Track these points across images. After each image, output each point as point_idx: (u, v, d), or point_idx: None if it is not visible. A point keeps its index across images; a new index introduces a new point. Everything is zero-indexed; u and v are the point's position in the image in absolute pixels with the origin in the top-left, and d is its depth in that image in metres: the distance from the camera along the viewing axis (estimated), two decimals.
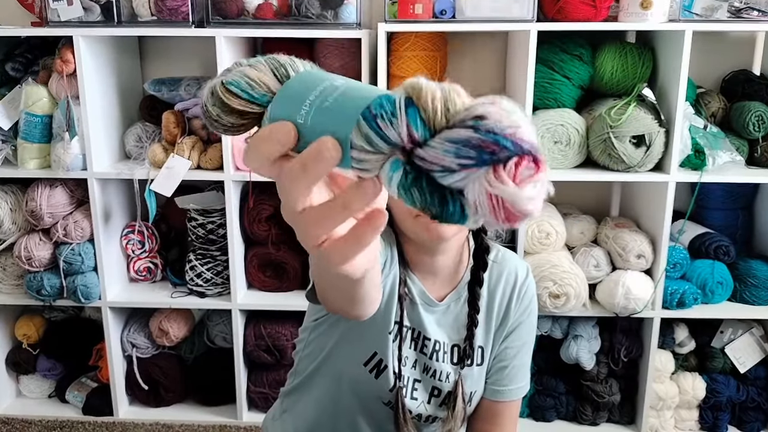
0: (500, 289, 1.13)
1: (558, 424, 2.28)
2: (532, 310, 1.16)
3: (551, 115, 2.01)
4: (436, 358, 1.11)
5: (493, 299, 1.13)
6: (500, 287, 1.13)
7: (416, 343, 1.11)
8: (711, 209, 2.24)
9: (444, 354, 1.12)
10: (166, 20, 2.00)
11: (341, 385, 1.09)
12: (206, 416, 2.33)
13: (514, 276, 1.14)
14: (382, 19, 1.99)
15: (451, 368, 1.12)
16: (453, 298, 1.12)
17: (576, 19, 1.91)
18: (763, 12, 1.94)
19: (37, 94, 2.08)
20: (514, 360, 1.14)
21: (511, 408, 1.16)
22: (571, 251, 2.16)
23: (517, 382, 1.15)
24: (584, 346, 2.13)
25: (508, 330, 1.14)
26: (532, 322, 1.16)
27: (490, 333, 1.13)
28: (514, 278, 1.14)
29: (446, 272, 1.12)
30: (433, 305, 1.11)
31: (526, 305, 1.15)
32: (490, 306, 1.13)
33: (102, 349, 2.32)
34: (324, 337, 1.10)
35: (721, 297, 2.14)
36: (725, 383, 2.20)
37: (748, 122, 2.03)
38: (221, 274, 2.21)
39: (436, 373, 1.11)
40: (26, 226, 2.19)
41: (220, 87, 0.49)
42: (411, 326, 1.10)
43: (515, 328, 1.14)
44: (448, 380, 1.12)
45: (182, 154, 2.07)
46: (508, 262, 1.15)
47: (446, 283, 1.13)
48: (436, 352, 1.11)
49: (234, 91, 0.48)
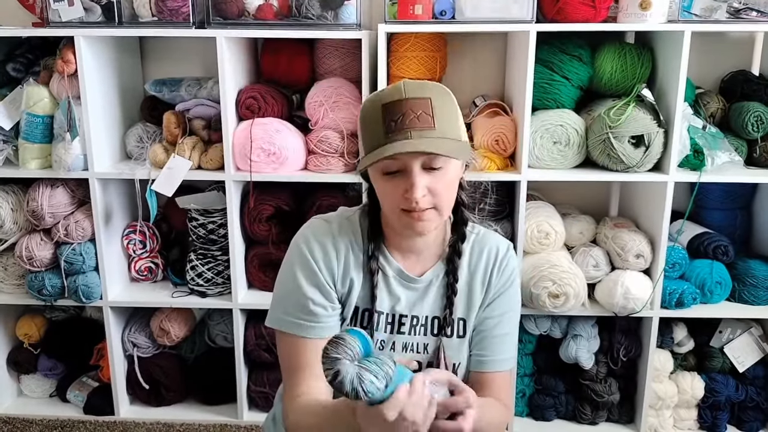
0: (482, 265, 1.16)
1: (557, 423, 2.29)
2: (512, 282, 1.18)
3: (550, 115, 2.02)
4: (413, 333, 1.14)
5: (475, 274, 1.16)
6: (482, 263, 1.16)
7: (391, 326, 1.14)
8: (710, 209, 2.25)
9: (422, 327, 1.15)
10: (166, 21, 2.01)
11: None
12: (207, 415, 2.34)
13: (495, 251, 1.17)
14: (382, 19, 1.99)
15: (431, 339, 1.15)
16: (434, 273, 1.15)
17: (575, 20, 1.92)
18: (762, 12, 1.95)
19: (38, 94, 2.09)
20: (494, 330, 1.16)
21: (499, 380, 1.16)
22: (571, 251, 2.17)
23: (500, 354, 1.16)
24: (583, 345, 2.14)
25: (488, 301, 1.16)
26: (512, 294, 1.18)
27: (472, 307, 1.16)
28: (495, 253, 1.17)
29: (428, 251, 1.16)
30: (413, 281, 1.15)
31: (507, 277, 1.17)
32: (472, 281, 1.16)
33: (103, 349, 2.33)
34: None
35: (720, 297, 2.14)
36: (724, 383, 2.21)
37: (747, 122, 2.04)
38: (222, 273, 2.22)
39: (414, 346, 1.14)
40: (27, 226, 2.19)
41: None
42: (382, 311, 1.14)
43: (495, 299, 1.16)
44: (426, 351, 1.15)
45: (183, 155, 2.08)
46: (489, 239, 1.19)
47: (429, 260, 1.16)
48: (413, 326, 1.14)
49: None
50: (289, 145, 2.06)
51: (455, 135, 1.03)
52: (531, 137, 2.01)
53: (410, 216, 1.03)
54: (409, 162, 1.00)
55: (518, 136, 2.03)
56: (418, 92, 1.01)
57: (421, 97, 1.00)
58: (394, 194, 1.03)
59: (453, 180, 1.06)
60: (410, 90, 1.00)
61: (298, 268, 1.11)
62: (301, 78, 2.22)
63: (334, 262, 1.12)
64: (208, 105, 2.13)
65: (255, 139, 2.03)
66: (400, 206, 1.03)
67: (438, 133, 0.99)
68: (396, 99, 1.00)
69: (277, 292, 1.15)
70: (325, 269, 1.11)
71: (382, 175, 1.04)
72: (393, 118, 0.99)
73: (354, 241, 1.14)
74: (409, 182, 1.00)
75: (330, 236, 1.13)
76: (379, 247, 1.14)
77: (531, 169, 2.04)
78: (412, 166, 1.00)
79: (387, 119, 1.00)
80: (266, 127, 2.05)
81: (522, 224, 2.05)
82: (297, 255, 1.12)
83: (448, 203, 1.06)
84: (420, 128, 0.98)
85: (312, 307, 1.09)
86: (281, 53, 2.18)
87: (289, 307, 1.11)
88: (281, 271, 1.15)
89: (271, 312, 1.14)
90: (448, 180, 1.04)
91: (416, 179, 1.00)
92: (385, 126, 1.00)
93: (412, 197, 1.00)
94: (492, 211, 2.12)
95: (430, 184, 1.01)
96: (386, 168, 1.02)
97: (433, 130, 0.99)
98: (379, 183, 1.06)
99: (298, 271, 1.11)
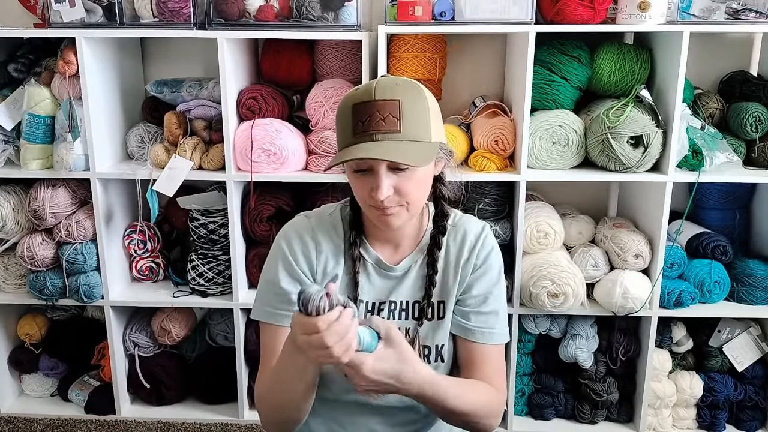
0: (456, 248, 1.18)
1: (556, 422, 2.30)
2: (490, 262, 1.18)
3: (550, 116, 2.03)
4: (392, 318, 1.17)
5: (449, 257, 1.18)
6: (456, 246, 1.18)
7: (371, 313, 1.17)
8: (708, 209, 2.26)
9: (402, 311, 1.17)
10: (167, 22, 2.02)
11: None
12: (208, 415, 2.34)
13: (472, 234, 1.19)
14: (382, 21, 2.00)
15: (411, 323, 1.17)
16: (411, 261, 1.18)
17: (574, 21, 1.93)
18: (761, 13, 1.95)
19: (40, 95, 2.10)
20: (479, 308, 1.16)
21: (486, 354, 1.15)
22: (570, 251, 2.18)
23: (487, 326, 1.16)
24: (582, 345, 2.14)
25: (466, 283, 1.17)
26: (493, 273, 1.18)
27: (449, 290, 1.17)
28: (472, 236, 1.19)
29: (405, 241, 1.19)
30: (390, 270, 1.18)
31: (483, 257, 1.18)
32: (446, 266, 1.18)
33: (104, 348, 2.34)
34: None
35: (719, 296, 2.15)
36: (723, 382, 2.22)
37: (746, 123, 2.05)
38: (223, 273, 2.22)
39: None
40: (29, 226, 2.20)
41: None
42: (364, 299, 1.17)
43: (475, 281, 1.17)
44: (408, 335, 1.17)
45: (184, 155, 2.09)
46: (466, 223, 1.21)
47: (406, 249, 1.19)
48: (392, 311, 1.17)
49: None
50: (290, 145, 2.07)
51: (424, 136, 1.04)
52: (530, 138, 2.01)
53: (378, 211, 1.07)
54: (375, 164, 1.03)
55: (517, 137, 2.04)
56: (388, 94, 1.02)
57: (390, 99, 1.01)
58: (363, 191, 1.07)
59: (423, 178, 1.08)
60: (380, 91, 1.02)
61: (277, 262, 1.16)
62: (301, 79, 2.22)
63: (312, 254, 1.16)
64: (209, 105, 2.14)
65: (256, 139, 2.04)
66: (368, 203, 1.07)
67: (403, 136, 1.01)
68: (365, 100, 1.02)
69: (259, 286, 1.19)
70: (303, 261, 1.15)
71: (352, 172, 1.08)
72: (361, 119, 1.02)
73: (334, 232, 1.18)
74: (375, 183, 1.03)
75: (309, 230, 1.18)
76: (359, 238, 1.18)
77: (530, 170, 2.04)
78: (378, 168, 1.03)
79: (355, 119, 1.02)
80: (267, 127, 2.06)
81: (521, 224, 2.06)
82: (276, 249, 1.17)
83: (417, 200, 1.09)
84: (385, 131, 1.00)
85: (289, 297, 1.13)
86: (282, 54, 2.19)
87: (269, 299, 1.15)
88: (264, 267, 1.20)
89: (254, 305, 1.18)
90: (416, 179, 1.06)
91: (381, 181, 1.03)
92: (353, 126, 1.03)
93: (376, 197, 1.03)
94: (491, 211, 2.13)
95: (398, 184, 1.04)
96: (355, 166, 1.06)
97: (398, 133, 1.01)
98: (351, 179, 1.10)
99: (277, 264, 1.16)
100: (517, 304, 2.11)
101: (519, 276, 2.09)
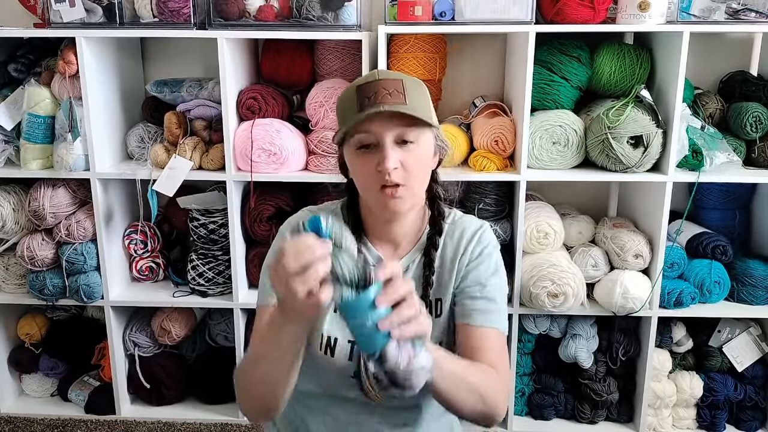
0: (454, 243, 1.19)
1: (556, 422, 2.30)
2: (487, 255, 1.18)
3: (550, 116, 2.03)
4: None
5: (446, 255, 1.18)
6: (454, 242, 1.19)
7: None
8: (708, 209, 2.26)
9: None
10: (167, 22, 2.02)
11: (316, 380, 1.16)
12: (208, 415, 2.34)
13: (469, 231, 1.20)
14: (382, 21, 2.00)
15: None
16: (410, 258, 1.19)
17: (574, 21, 1.93)
18: (761, 13, 1.96)
19: (40, 95, 2.10)
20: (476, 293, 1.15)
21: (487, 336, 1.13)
22: (570, 251, 2.18)
23: (486, 313, 1.14)
24: (582, 344, 2.14)
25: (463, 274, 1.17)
26: (489, 265, 1.18)
27: (446, 286, 1.17)
28: (469, 233, 1.19)
29: (405, 239, 1.19)
30: None
31: (479, 250, 1.18)
32: (443, 260, 1.18)
33: (104, 348, 2.34)
34: None
35: (719, 296, 2.15)
36: (723, 382, 2.22)
37: (746, 123, 2.05)
38: (223, 273, 2.22)
39: None
40: (29, 226, 2.20)
41: None
42: None
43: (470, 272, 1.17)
44: None
45: (184, 155, 2.09)
46: (465, 222, 1.21)
47: (405, 248, 1.20)
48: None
49: None
50: (290, 145, 2.07)
51: (427, 116, 1.07)
52: (530, 138, 2.01)
53: (384, 193, 1.07)
54: (382, 134, 1.04)
55: (517, 137, 2.04)
56: (392, 75, 1.07)
57: (394, 78, 1.06)
58: (368, 169, 1.07)
59: (425, 157, 1.09)
60: (383, 74, 1.07)
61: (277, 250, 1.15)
62: (301, 79, 2.23)
63: None
64: (209, 105, 2.14)
65: (256, 139, 2.04)
66: (374, 183, 1.07)
67: (410, 108, 1.04)
68: (369, 81, 1.06)
69: (260, 277, 1.20)
70: None
71: (356, 150, 1.08)
72: (367, 95, 1.04)
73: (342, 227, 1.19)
74: (382, 155, 1.04)
75: None
76: (360, 237, 1.19)
77: (530, 170, 2.04)
78: (384, 139, 1.04)
79: (361, 97, 1.05)
80: (267, 127, 2.06)
81: (521, 224, 2.06)
82: (279, 239, 1.19)
83: (420, 181, 1.10)
84: (392, 102, 1.03)
85: None
86: (282, 54, 2.19)
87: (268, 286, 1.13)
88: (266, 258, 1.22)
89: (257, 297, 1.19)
90: (420, 155, 1.07)
91: (388, 151, 1.04)
92: (359, 104, 1.05)
93: (384, 168, 1.04)
94: (491, 211, 2.13)
95: (403, 158, 1.05)
96: (360, 141, 1.06)
97: (404, 105, 1.04)
98: (355, 160, 1.10)
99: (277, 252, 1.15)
100: (517, 304, 2.11)
101: (519, 276, 2.09)
